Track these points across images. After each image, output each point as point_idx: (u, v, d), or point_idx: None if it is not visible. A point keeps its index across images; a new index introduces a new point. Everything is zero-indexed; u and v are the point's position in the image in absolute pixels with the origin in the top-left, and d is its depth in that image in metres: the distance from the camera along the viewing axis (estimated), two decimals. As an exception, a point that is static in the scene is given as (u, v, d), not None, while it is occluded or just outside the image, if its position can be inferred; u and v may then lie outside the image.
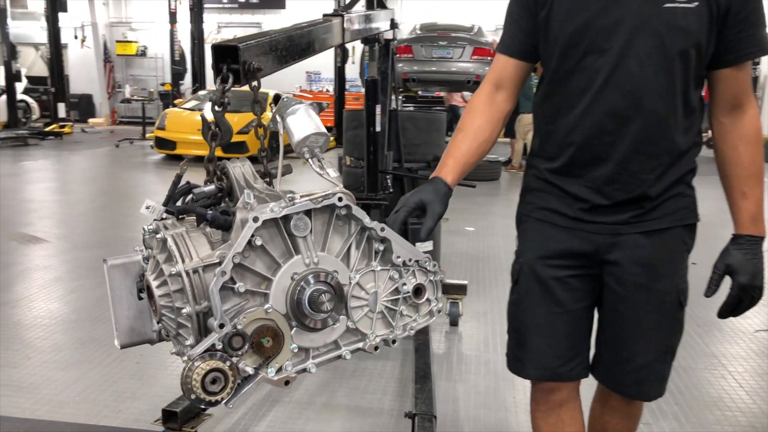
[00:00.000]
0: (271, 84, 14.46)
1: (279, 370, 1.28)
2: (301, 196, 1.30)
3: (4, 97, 13.83)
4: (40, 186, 8.57)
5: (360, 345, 1.38)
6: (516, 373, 1.61)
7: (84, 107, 17.60)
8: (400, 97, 12.31)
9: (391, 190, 3.45)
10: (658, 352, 1.51)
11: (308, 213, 1.30)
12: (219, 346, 1.20)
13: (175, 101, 13.46)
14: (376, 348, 1.39)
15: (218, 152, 1.44)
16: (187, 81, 15.67)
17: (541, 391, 1.60)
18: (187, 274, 1.24)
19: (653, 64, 1.34)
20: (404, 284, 1.41)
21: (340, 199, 1.32)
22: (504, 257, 5.10)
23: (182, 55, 15.41)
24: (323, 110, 1.56)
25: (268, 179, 1.52)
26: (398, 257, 1.40)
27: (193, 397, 1.17)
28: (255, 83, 1.51)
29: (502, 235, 5.93)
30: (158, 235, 1.29)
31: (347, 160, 3.85)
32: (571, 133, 1.43)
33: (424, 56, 10.48)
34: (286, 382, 1.28)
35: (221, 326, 1.19)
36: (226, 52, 1.47)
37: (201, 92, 12.85)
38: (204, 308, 1.24)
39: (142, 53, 18.23)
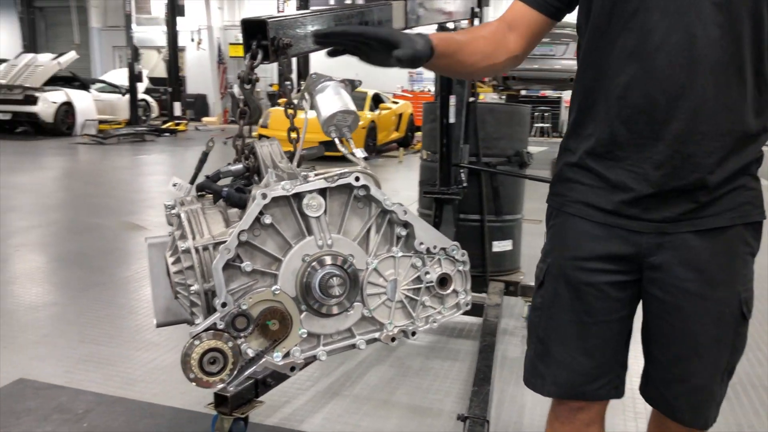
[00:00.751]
0: (372, 84, 14.63)
1: (286, 355, 1.22)
2: (316, 175, 1.24)
3: (127, 96, 14.89)
4: (150, 178, 9.12)
5: (376, 335, 1.29)
6: (534, 389, 1.43)
7: (198, 106, 18.60)
8: (502, 96, 12.06)
9: (465, 185, 3.32)
10: (716, 373, 1.29)
11: (323, 193, 1.24)
12: (221, 326, 1.16)
13: (279, 100, 13.91)
14: (393, 339, 1.30)
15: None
16: (294, 81, 16.14)
17: (567, 408, 1.40)
18: (197, 250, 1.21)
19: (717, 24, 1.12)
20: (427, 273, 1.31)
21: (357, 179, 1.25)
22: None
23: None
24: (356, 88, 1.48)
25: (296, 162, 1.46)
26: (421, 243, 1.30)
27: (191, 376, 1.14)
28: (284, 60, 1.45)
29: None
30: (173, 211, 1.27)
31: (424, 153, 3.76)
32: (614, 106, 1.22)
33: (526, 54, 10.16)
34: (292, 368, 1.23)
35: (223, 305, 1.15)
36: (256, 28, 1.43)
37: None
38: (212, 286, 1.21)
39: (253, 55, 18.99)
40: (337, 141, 1.39)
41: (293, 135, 1.48)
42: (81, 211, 6.71)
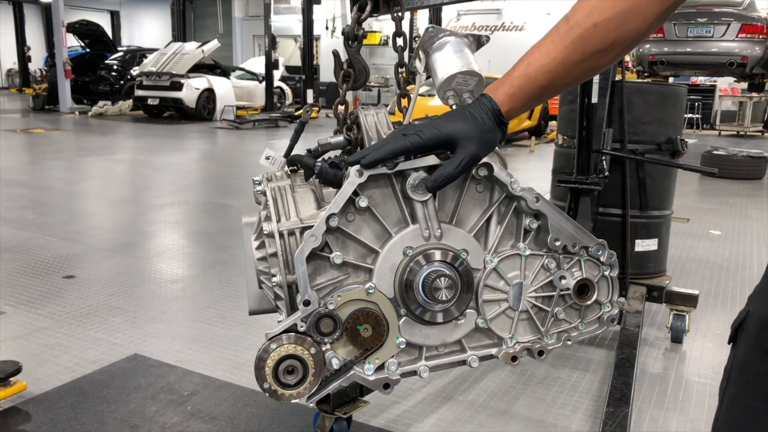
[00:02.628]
0: (503, 66, 14.34)
1: (380, 368, 1.00)
2: (425, 148, 1.00)
3: (264, 83, 15.43)
4: (280, 162, 9.32)
5: (493, 351, 1.04)
6: None
7: (331, 94, 18.93)
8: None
9: (606, 174, 2.93)
10: None
11: (431, 171, 1.00)
12: (302, 328, 0.95)
13: (407, 87, 13.78)
14: (514, 358, 1.03)
15: None
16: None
17: None
18: (281, 235, 1.01)
19: None
20: (563, 278, 1.03)
21: (476, 155, 0.99)
22: (758, 269, 4.20)
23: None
24: (483, 45, 1.22)
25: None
26: (557, 240, 1.02)
27: (265, 386, 0.95)
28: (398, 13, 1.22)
29: (758, 242, 4.93)
30: (258, 188, 1.08)
31: (560, 138, 3.40)
32: None
33: (677, 36, 9.29)
34: (386, 385, 1.00)
35: (306, 303, 0.95)
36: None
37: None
38: (296, 279, 1.01)
39: (384, 43, 19.04)
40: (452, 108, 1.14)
41: (404, 103, 1.24)
42: (213, 192, 6.95)
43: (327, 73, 19.29)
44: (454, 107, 1.14)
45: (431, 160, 0.98)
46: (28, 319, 3.15)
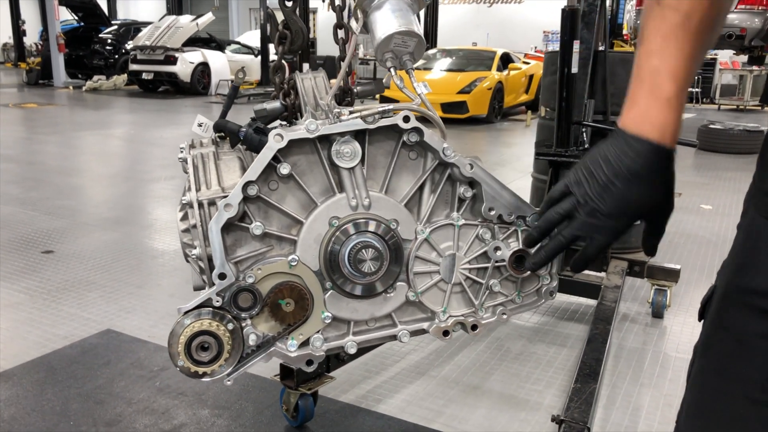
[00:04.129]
0: (501, 42, 13.92)
1: (305, 344, 0.95)
2: (351, 112, 0.94)
3: (259, 57, 15.25)
4: (272, 137, 9.23)
5: (424, 325, 0.99)
6: None
7: (328, 68, 18.65)
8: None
9: (587, 146, 2.87)
10: None
11: (361, 137, 0.94)
12: (218, 303, 0.91)
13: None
14: (446, 333, 0.99)
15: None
16: (420, 41, 15.76)
17: None
18: (201, 205, 0.96)
19: None
20: (498, 249, 0.98)
21: (406, 119, 0.94)
22: (743, 242, 4.15)
23: (417, 16, 15.50)
24: (424, 5, 1.15)
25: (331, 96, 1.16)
26: (492, 209, 0.97)
27: (179, 364, 0.91)
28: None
29: (746, 216, 4.86)
30: (180, 155, 1.03)
31: (542, 110, 3.33)
32: None
33: (675, 7, 9.10)
34: (309, 362, 0.96)
35: (221, 277, 0.90)
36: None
37: (430, 51, 12.80)
38: (218, 251, 0.96)
39: (382, 15, 18.76)
40: (392, 72, 1.08)
41: (343, 65, 1.18)
42: (202, 166, 6.88)
43: (325, 47, 19.06)
44: (392, 70, 1.08)
45: (356, 124, 0.93)
46: (2, 295, 3.12)
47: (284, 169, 0.92)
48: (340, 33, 1.24)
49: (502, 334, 2.87)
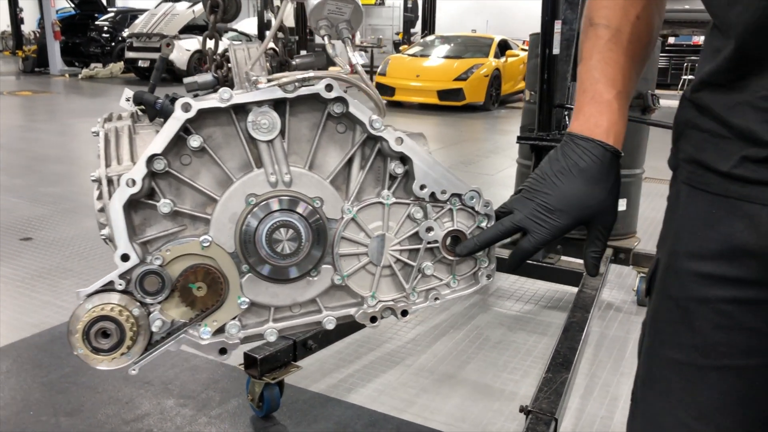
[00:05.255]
0: (499, 29, 13.80)
1: (220, 330, 0.89)
2: (269, 80, 0.87)
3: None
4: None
5: (351, 311, 0.92)
6: None
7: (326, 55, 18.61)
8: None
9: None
10: None
11: (281, 107, 0.87)
12: (122, 286, 0.84)
13: (400, 47, 13.50)
14: (373, 319, 0.92)
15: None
16: (418, 28, 15.65)
17: None
18: (110, 182, 0.89)
19: None
20: (430, 229, 0.91)
21: (328, 88, 0.86)
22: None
23: (414, 3, 15.38)
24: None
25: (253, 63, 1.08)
26: (423, 187, 0.90)
27: (79, 351, 0.84)
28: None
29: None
30: (94, 129, 0.96)
31: (527, 94, 3.25)
32: (735, 4, 0.71)
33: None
34: (222, 350, 0.89)
35: (124, 258, 0.83)
36: None
37: (428, 38, 12.68)
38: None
39: (380, 2, 18.62)
40: (326, 41, 1.00)
41: (269, 33, 1.11)
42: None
43: (323, 35, 18.93)
44: (326, 38, 1.01)
45: (274, 93, 0.85)
46: (-25, 282, 3.07)
47: (194, 141, 0.84)
48: (276, 1, 1.17)
49: (482, 323, 2.81)
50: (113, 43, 15.65)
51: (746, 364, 0.77)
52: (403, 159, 0.91)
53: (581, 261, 2.79)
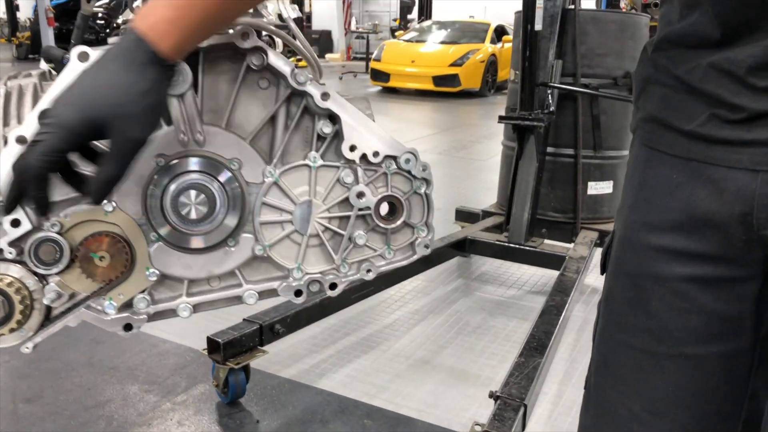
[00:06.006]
0: (495, 15, 13.64)
1: (128, 305, 0.81)
2: (179, 29, 0.78)
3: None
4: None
5: (275, 285, 0.84)
6: None
7: (323, 43, 18.44)
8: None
9: (552, 110, 2.71)
10: None
11: (193, 59, 0.79)
12: (11, 255, 0.76)
13: (396, 33, 13.36)
14: (298, 293, 0.84)
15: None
16: (415, 14, 15.49)
17: None
18: (6, 142, 0.80)
19: None
20: (361, 194, 0.83)
21: (244, 36, 0.78)
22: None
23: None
24: None
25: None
26: (353, 148, 0.82)
27: (-34, 326, 0.76)
28: None
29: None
30: (-5, 87, 0.87)
31: (512, 74, 3.16)
32: None
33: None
34: (128, 326, 0.81)
35: (14, 224, 0.75)
36: None
37: (425, 23, 12.55)
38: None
39: (378, -11, 18.46)
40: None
41: None
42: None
43: (320, 21, 18.78)
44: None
45: None
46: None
47: (96, 96, 0.76)
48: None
49: (463, 308, 2.74)
50: (107, 30, 15.49)
51: (705, 353, 0.69)
52: (332, 118, 0.82)
53: (566, 245, 2.69)
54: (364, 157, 0.82)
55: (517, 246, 2.73)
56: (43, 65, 0.97)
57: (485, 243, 2.84)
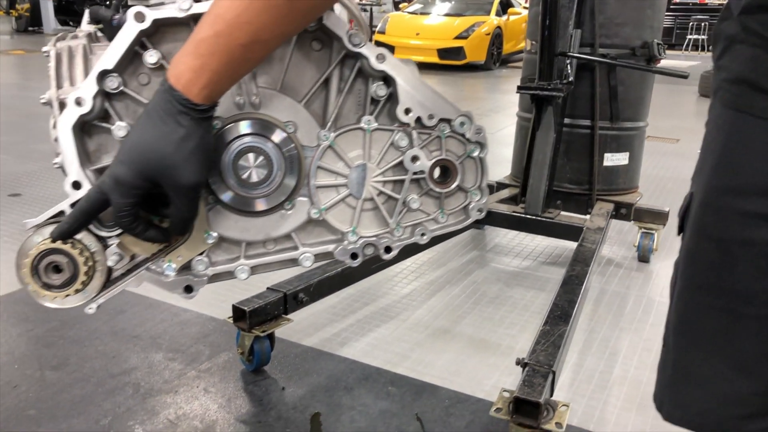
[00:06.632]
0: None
1: (186, 268, 0.82)
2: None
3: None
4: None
5: (330, 248, 0.85)
6: (671, 420, 0.83)
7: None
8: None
9: (571, 80, 2.69)
10: None
11: (249, 20, 0.78)
12: (74, 217, 0.76)
13: (400, 5, 13.21)
14: (354, 256, 0.85)
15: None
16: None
17: None
18: (62, 105, 0.80)
19: None
20: (416, 158, 0.83)
21: (300, -2, 0.77)
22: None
23: None
24: None
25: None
26: (408, 111, 0.82)
27: (28, 288, 0.77)
28: None
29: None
30: (44, 48, 0.87)
31: (528, 44, 3.13)
32: None
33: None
34: (188, 288, 0.82)
35: (76, 186, 0.76)
36: None
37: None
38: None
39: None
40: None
41: None
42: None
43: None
44: None
45: None
46: (-38, 237, 3.00)
47: (151, 57, 0.76)
48: None
49: (480, 278, 2.75)
50: (107, 2, 15.32)
51: None
52: (387, 80, 0.82)
53: (582, 216, 2.69)
54: (418, 120, 0.82)
55: (534, 217, 2.73)
56: (86, 26, 0.96)
57: (502, 215, 2.84)
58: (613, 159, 2.96)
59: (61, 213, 0.77)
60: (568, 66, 2.69)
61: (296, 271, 2.09)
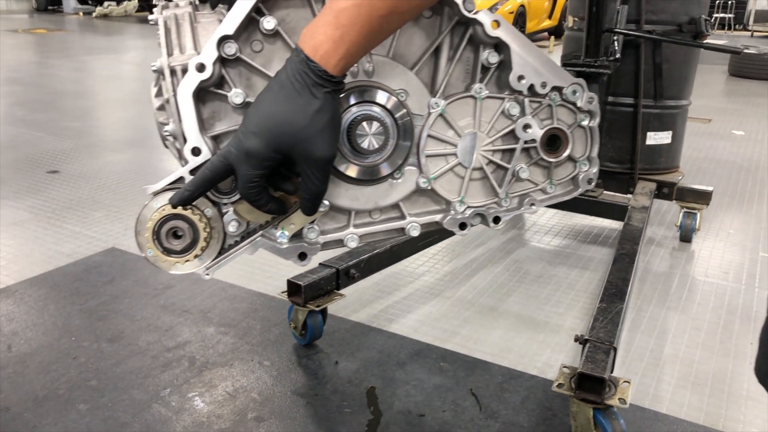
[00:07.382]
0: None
1: (298, 235, 0.82)
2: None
3: None
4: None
5: (437, 217, 0.84)
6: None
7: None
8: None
9: (618, 57, 2.65)
10: None
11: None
12: (193, 184, 0.77)
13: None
14: (463, 225, 0.85)
15: None
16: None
17: None
18: (173, 72, 0.80)
19: None
20: (528, 126, 0.82)
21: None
22: (778, 167, 3.95)
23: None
24: None
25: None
26: (522, 78, 0.81)
27: (149, 253, 0.78)
28: None
29: (782, 142, 4.63)
30: (151, 17, 0.87)
31: (570, 20, 3.08)
32: None
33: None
34: (302, 255, 0.82)
35: (195, 152, 0.76)
36: None
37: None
38: (195, 127, 0.81)
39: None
40: None
41: None
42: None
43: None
44: None
45: None
46: (6, 213, 3.04)
47: (269, 23, 0.76)
48: None
49: (521, 257, 2.74)
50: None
51: None
52: (497, 47, 0.81)
53: (625, 195, 2.67)
54: (531, 87, 0.81)
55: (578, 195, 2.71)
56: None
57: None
58: (656, 138, 2.93)
59: (181, 179, 0.77)
60: (615, 43, 2.65)
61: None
